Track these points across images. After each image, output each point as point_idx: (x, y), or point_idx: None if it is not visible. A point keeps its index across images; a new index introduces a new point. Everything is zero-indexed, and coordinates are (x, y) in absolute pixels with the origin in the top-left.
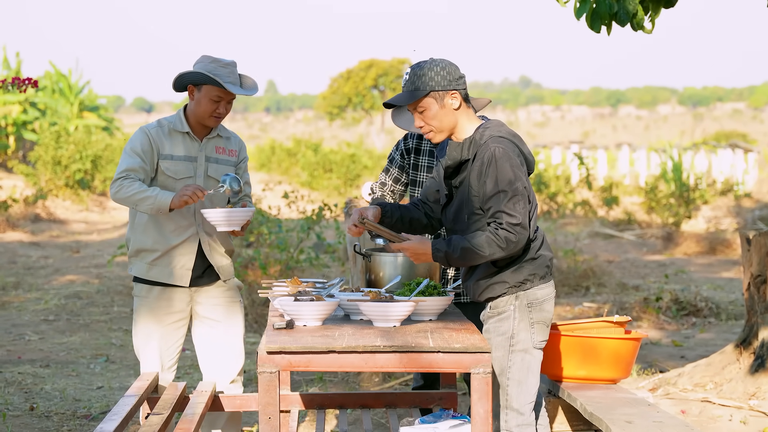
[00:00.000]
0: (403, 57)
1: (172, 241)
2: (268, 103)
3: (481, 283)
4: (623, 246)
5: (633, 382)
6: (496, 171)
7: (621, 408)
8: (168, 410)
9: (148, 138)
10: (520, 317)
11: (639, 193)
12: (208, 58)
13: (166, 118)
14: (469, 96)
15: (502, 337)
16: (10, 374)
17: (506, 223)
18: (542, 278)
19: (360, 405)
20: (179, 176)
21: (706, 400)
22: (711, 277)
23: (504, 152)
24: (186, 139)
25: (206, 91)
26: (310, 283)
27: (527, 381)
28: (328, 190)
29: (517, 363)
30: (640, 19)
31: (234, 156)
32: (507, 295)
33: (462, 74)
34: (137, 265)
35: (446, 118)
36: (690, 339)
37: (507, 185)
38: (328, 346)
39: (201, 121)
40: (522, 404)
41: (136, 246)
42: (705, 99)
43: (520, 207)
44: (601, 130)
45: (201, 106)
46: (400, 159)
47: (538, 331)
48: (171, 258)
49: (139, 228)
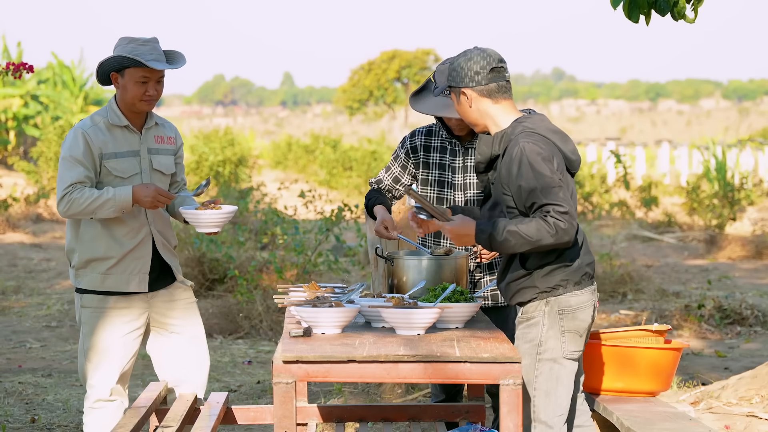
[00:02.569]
0: (428, 47)
1: (126, 245)
2: (284, 97)
3: (511, 286)
4: (663, 250)
5: (673, 395)
6: (529, 168)
7: (660, 423)
8: (177, 423)
9: (86, 140)
10: (549, 324)
11: (680, 194)
12: (125, 39)
13: (99, 113)
14: (504, 87)
15: (529, 344)
16: (10, 384)
17: (554, 212)
18: (577, 284)
19: (381, 418)
20: (127, 174)
21: (752, 415)
22: (757, 283)
23: (532, 148)
24: (125, 132)
25: (130, 74)
26: (329, 288)
27: (556, 392)
28: (348, 189)
29: (544, 372)
30: (681, 7)
31: (172, 143)
32: (537, 301)
33: (494, 66)
34: (88, 277)
35: (469, 114)
36: (734, 349)
37: (541, 179)
38: (348, 355)
39: (132, 108)
40: (550, 417)
41: (86, 257)
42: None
43: (561, 195)
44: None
45: (128, 92)
46: (405, 158)
47: (570, 341)
48: (127, 264)
49: (87, 236)
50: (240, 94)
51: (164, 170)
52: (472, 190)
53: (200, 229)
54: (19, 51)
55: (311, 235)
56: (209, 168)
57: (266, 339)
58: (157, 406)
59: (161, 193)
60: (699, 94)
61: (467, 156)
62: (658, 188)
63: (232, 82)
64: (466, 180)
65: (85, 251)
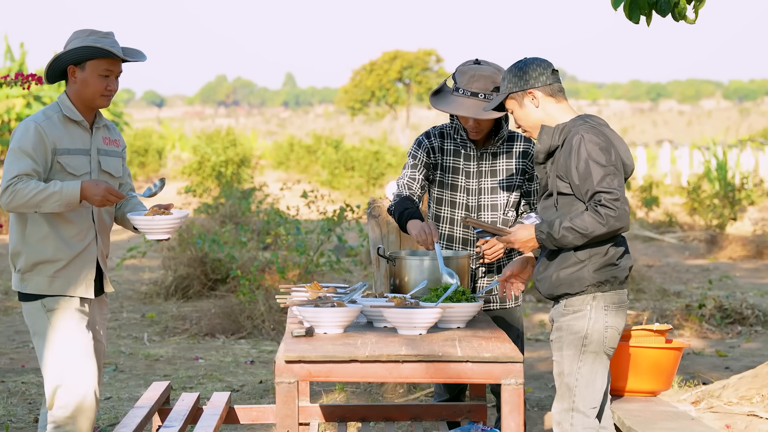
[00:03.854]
0: (430, 48)
1: (75, 248)
2: (286, 98)
3: (561, 276)
4: (664, 249)
5: (674, 395)
6: (585, 153)
7: (661, 422)
8: (180, 422)
9: (40, 133)
10: (595, 318)
11: (681, 194)
12: (84, 31)
13: (51, 108)
14: (562, 88)
15: (574, 336)
16: (13, 384)
17: (604, 200)
18: (621, 284)
19: (383, 418)
20: (79, 172)
21: (753, 414)
22: (758, 282)
23: (591, 138)
24: (78, 129)
25: (92, 66)
26: (331, 288)
27: (594, 384)
28: (350, 189)
29: (588, 364)
30: (682, 8)
31: (119, 146)
32: (585, 294)
33: (543, 72)
34: (35, 281)
35: (531, 117)
36: (735, 349)
37: (597, 165)
38: (350, 354)
39: (91, 104)
40: (588, 407)
41: (33, 259)
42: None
43: (616, 183)
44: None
45: (89, 86)
46: (426, 158)
47: (610, 337)
48: (74, 267)
49: (34, 238)
50: (242, 95)
51: (113, 172)
52: (486, 195)
53: (150, 236)
54: (23, 52)
55: (313, 235)
56: (211, 168)
57: (269, 339)
58: (159, 405)
59: (111, 191)
60: (700, 95)
61: (482, 161)
62: (659, 188)
63: (234, 83)
64: (480, 185)
65: (32, 253)
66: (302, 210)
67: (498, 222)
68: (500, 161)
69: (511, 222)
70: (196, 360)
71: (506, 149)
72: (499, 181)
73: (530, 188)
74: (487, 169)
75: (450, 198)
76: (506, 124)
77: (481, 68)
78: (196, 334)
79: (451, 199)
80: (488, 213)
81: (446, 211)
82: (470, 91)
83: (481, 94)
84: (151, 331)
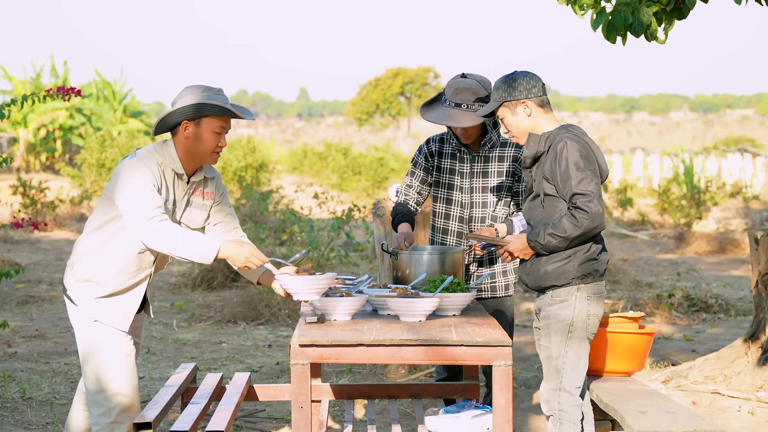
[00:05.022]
0: (428, 65)
1: (126, 282)
2: (300, 109)
3: (548, 270)
4: (637, 245)
5: (646, 375)
6: (568, 156)
7: (635, 399)
8: (206, 399)
9: (153, 176)
10: (580, 307)
11: (652, 195)
12: (198, 87)
13: (158, 153)
14: (546, 102)
15: (561, 324)
16: (57, 365)
17: (579, 202)
18: (600, 276)
19: (387, 395)
20: None
21: (716, 392)
22: (721, 275)
23: (574, 145)
24: (176, 181)
25: (207, 123)
26: (340, 279)
27: (578, 366)
28: (357, 191)
29: (573, 349)
30: (653, 30)
31: (210, 199)
32: (570, 286)
33: (535, 84)
34: (82, 294)
35: (521, 124)
36: (701, 334)
37: (577, 169)
38: (357, 339)
39: (201, 160)
40: (573, 387)
41: (87, 275)
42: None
43: (592, 185)
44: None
45: (203, 142)
46: (425, 161)
47: (592, 324)
48: (120, 300)
49: (98, 257)
50: (261, 107)
51: (190, 224)
52: (478, 194)
53: (299, 297)
54: (66, 70)
55: (324, 232)
56: (233, 173)
57: (284, 325)
58: (187, 384)
59: (254, 254)
60: (669, 107)
61: (474, 163)
62: (633, 191)
63: (253, 97)
64: (472, 185)
65: (89, 269)
66: (314, 210)
67: (487, 218)
68: (492, 164)
69: (500, 218)
70: (219, 344)
71: (498, 153)
72: (489, 182)
73: (518, 189)
74: (479, 170)
75: (446, 196)
76: (493, 130)
77: (465, 82)
78: (220, 320)
79: (447, 197)
80: (479, 210)
81: (443, 207)
82: (454, 102)
83: (464, 105)
84: (180, 318)
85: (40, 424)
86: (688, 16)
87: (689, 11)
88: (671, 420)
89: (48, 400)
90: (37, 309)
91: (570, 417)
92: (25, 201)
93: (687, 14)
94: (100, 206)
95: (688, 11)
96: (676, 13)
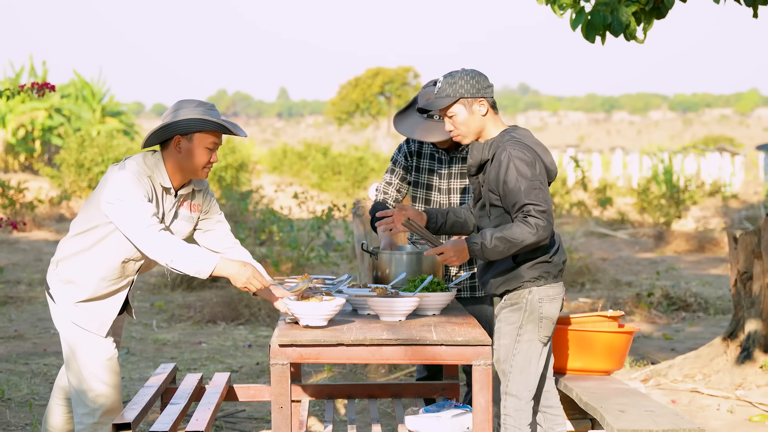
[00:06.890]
0: (408, 65)
1: (107, 288)
2: (280, 109)
3: (499, 278)
4: (617, 244)
5: (626, 374)
6: (514, 169)
7: (614, 398)
8: (185, 400)
9: (145, 189)
10: (530, 310)
11: (632, 194)
12: (191, 102)
13: (146, 165)
14: (495, 103)
15: (511, 327)
16: (36, 366)
17: (534, 211)
18: (555, 278)
19: (367, 395)
20: None
21: (695, 391)
22: (700, 273)
23: (518, 153)
24: (164, 194)
25: (200, 139)
26: (320, 279)
27: (528, 370)
28: (337, 191)
29: (522, 352)
30: (632, 29)
31: (197, 212)
32: (522, 289)
33: (490, 84)
34: (64, 295)
35: (473, 123)
36: (680, 332)
37: (525, 180)
38: (337, 339)
39: (192, 174)
40: (521, 390)
41: (70, 276)
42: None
43: (542, 196)
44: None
45: (195, 158)
46: (404, 161)
47: (545, 327)
48: (99, 305)
49: (81, 260)
50: (241, 107)
51: (176, 235)
52: (456, 195)
53: (305, 322)
54: (45, 69)
55: (304, 232)
56: (213, 173)
57: (264, 325)
58: (167, 385)
59: (256, 277)
60: (648, 107)
61: (452, 164)
62: (613, 190)
63: (233, 96)
64: (450, 185)
65: (73, 271)
66: (294, 210)
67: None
68: None
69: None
70: (199, 344)
71: None
72: (466, 183)
73: None
74: (456, 171)
75: (425, 196)
76: None
77: (433, 90)
78: (200, 321)
79: (425, 197)
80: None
81: (421, 207)
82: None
83: (436, 116)
84: (159, 318)
85: (19, 425)
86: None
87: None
88: (651, 418)
89: (27, 401)
90: (16, 310)
91: (515, 422)
92: (4, 201)
93: (666, 14)
94: (85, 212)
95: (666, 11)
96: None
